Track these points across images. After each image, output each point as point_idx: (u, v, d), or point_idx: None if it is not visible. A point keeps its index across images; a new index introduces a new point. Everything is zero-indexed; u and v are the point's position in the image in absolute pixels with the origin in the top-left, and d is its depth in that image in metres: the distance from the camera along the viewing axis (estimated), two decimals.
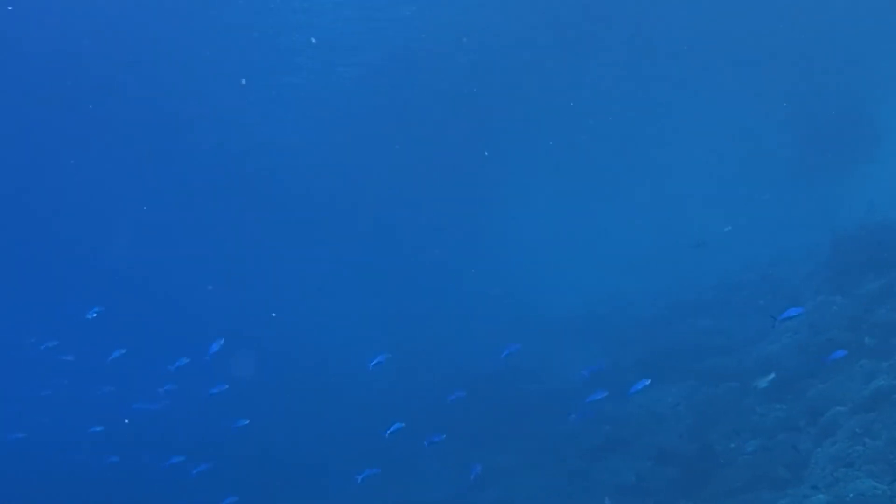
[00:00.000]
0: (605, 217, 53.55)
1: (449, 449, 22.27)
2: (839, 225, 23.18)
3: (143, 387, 27.34)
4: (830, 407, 15.76)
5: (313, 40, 29.78)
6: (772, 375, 18.52)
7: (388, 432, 18.58)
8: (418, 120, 37.81)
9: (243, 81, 30.68)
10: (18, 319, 38.75)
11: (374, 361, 19.11)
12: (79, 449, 26.92)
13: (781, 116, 39.68)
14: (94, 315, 24.94)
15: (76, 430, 25.46)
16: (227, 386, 21.17)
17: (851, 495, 12.46)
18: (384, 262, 50.29)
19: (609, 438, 20.59)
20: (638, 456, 19.37)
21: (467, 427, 23.78)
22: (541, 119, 39.76)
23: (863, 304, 18.98)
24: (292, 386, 31.80)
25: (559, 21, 30.99)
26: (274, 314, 37.32)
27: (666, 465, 18.36)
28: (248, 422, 20.96)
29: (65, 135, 32.86)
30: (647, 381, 17.20)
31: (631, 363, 24.57)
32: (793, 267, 28.15)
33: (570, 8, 30.30)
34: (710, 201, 48.76)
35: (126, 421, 26.99)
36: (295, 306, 46.91)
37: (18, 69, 28.19)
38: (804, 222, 35.56)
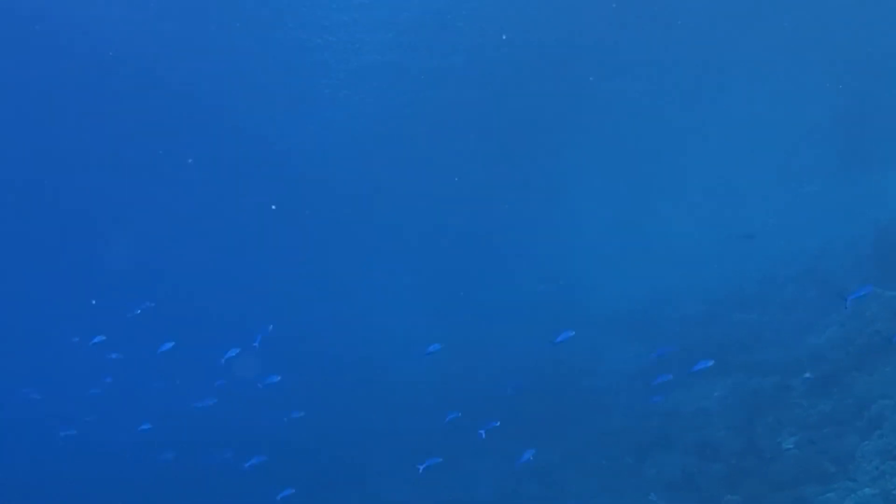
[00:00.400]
0: (651, 211, 53.28)
1: (495, 446, 22.62)
2: (883, 217, 23.04)
3: (193, 382, 27.48)
4: (877, 400, 15.77)
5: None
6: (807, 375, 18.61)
7: (447, 420, 19.27)
8: (468, 117, 38.08)
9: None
10: (66, 318, 39.83)
11: (429, 350, 19.44)
12: (130, 446, 27.51)
13: (826, 107, 39.28)
14: (140, 312, 25.50)
15: (126, 428, 25.54)
16: (279, 378, 20.94)
17: None
18: (437, 257, 50.72)
19: (655, 434, 20.64)
20: (684, 451, 19.43)
21: (513, 424, 24.04)
22: (588, 114, 39.85)
23: None
24: (345, 379, 32.36)
25: (608, 11, 31.01)
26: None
27: (712, 460, 18.45)
28: (303, 413, 21.29)
29: (107, 134, 33.62)
30: (711, 362, 17.33)
31: (676, 359, 24.69)
32: (837, 259, 27.98)
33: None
34: (755, 194, 48.36)
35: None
36: (349, 301, 47.70)
37: (63, 69, 29.06)
38: (848, 214, 35.17)
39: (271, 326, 20.50)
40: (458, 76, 33.72)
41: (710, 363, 17.41)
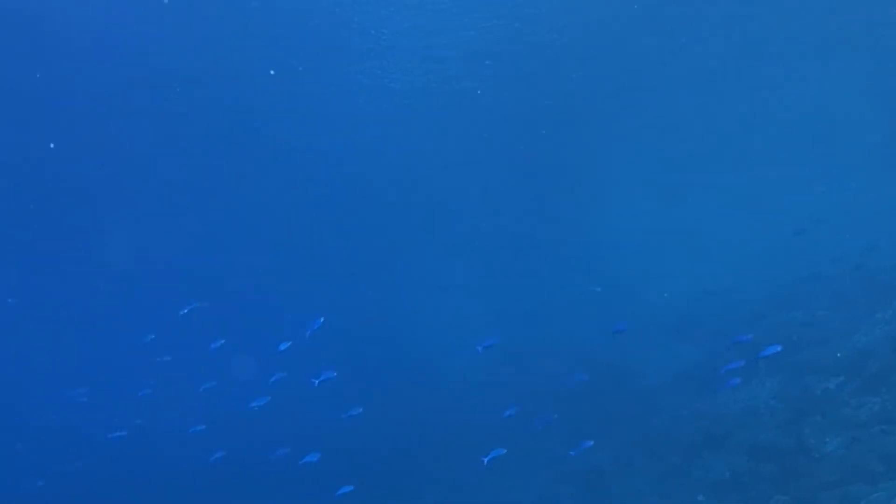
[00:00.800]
0: (699, 211, 53.15)
1: (541, 448, 22.98)
2: None
3: (245, 381, 27.36)
4: None
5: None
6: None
7: (506, 415, 19.26)
8: (520, 119, 38.44)
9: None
10: (116, 321, 40.82)
11: (485, 344, 19.51)
12: (182, 445, 27.85)
13: (874, 102, 38.92)
14: (187, 311, 25.73)
15: (177, 429, 25.90)
16: (335, 373, 20.25)
17: None
18: (490, 257, 51.08)
19: (704, 434, 20.71)
20: (732, 451, 19.49)
21: (560, 426, 24.33)
22: (636, 114, 39.97)
23: None
24: (399, 377, 32.79)
25: (656, 14, 31.12)
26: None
27: (760, 460, 18.52)
28: (361, 409, 20.88)
29: (151, 134, 34.27)
30: (779, 347, 17.41)
31: (725, 358, 24.77)
32: (884, 257, 27.78)
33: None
34: (802, 191, 48.00)
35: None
36: (410, 300, 48.28)
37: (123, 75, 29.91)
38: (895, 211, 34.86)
39: (322, 319, 20.19)
40: (510, 74, 34.00)
41: (779, 348, 17.45)
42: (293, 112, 34.53)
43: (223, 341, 23.30)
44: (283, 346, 20.93)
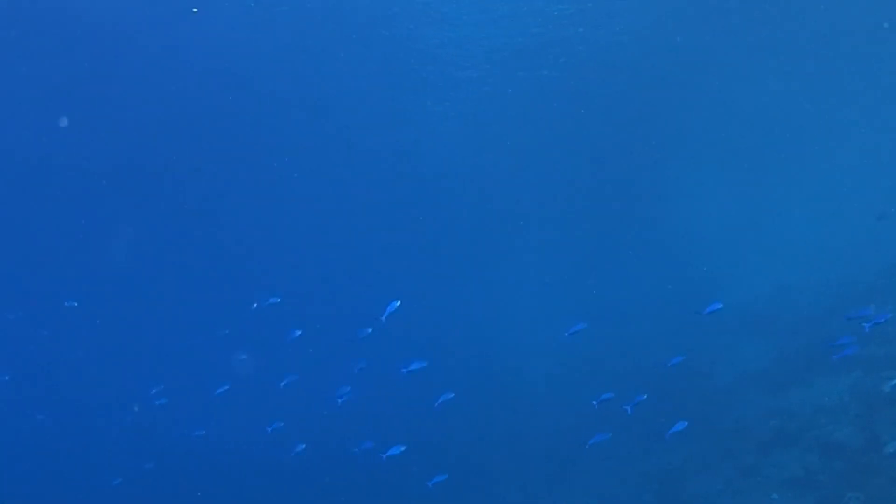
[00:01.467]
0: (772, 207, 52.48)
1: (614, 451, 23.27)
2: None
3: (327, 376, 27.23)
4: None
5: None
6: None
7: (601, 399, 18.58)
8: (592, 117, 38.81)
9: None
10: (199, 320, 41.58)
11: (573, 330, 19.36)
12: (262, 442, 27.67)
13: None
14: (256, 306, 25.41)
15: (258, 425, 25.30)
16: (426, 363, 19.74)
17: None
18: (568, 255, 51.34)
19: (776, 432, 20.80)
20: (805, 449, 19.54)
21: (634, 425, 24.55)
22: (712, 107, 39.89)
23: None
24: (477, 374, 33.28)
25: (728, 10, 31.14)
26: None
27: (833, 457, 18.57)
28: (452, 395, 20.48)
29: (234, 137, 35.21)
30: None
31: (796, 355, 24.74)
32: None
33: None
34: (873, 186, 47.05)
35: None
36: (484, 299, 48.83)
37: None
38: None
39: (398, 301, 19.45)
40: (583, 70, 34.25)
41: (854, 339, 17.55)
42: (377, 113, 35.69)
43: (300, 332, 22.94)
44: (365, 332, 20.66)
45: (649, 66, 34.53)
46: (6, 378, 35.18)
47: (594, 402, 18.52)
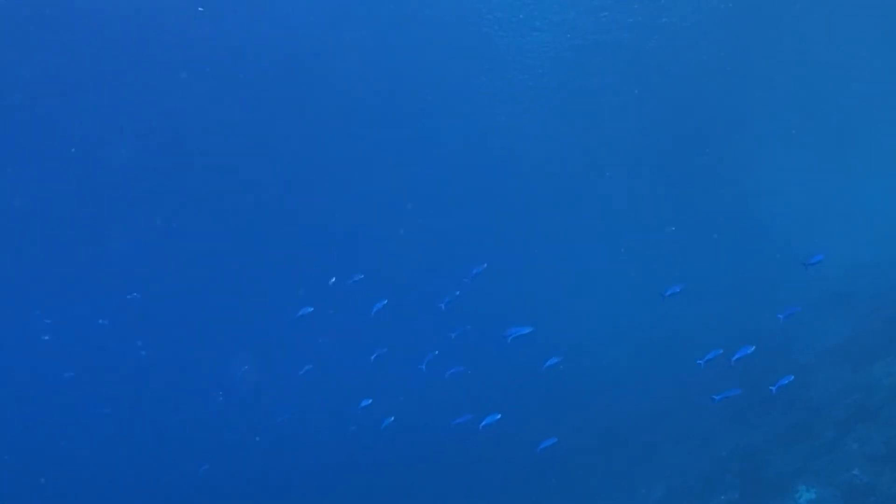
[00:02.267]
0: (852, 184, 51.50)
1: (694, 430, 23.65)
2: None
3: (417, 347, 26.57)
4: None
5: None
6: None
7: (705, 359, 18.29)
8: (671, 98, 38.90)
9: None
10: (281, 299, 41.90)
11: (671, 292, 19.22)
12: (351, 421, 28.68)
13: None
14: (332, 282, 25.67)
15: (346, 404, 25.66)
16: (531, 328, 19.34)
17: None
18: (644, 235, 51.33)
19: (857, 408, 20.77)
20: (886, 424, 19.52)
21: (715, 407, 24.79)
22: (788, 87, 39.53)
23: None
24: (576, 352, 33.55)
25: None
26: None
27: None
28: (559, 359, 20.35)
29: (339, 133, 36.94)
30: None
31: (876, 330, 24.61)
32: None
33: None
34: None
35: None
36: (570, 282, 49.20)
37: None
38: None
39: (485, 264, 19.73)
40: (668, 54, 34.79)
41: None
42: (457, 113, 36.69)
43: (385, 301, 22.86)
44: (452, 296, 20.32)
45: (727, 42, 34.40)
46: (70, 375, 36.57)
47: (700, 362, 18.51)
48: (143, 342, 40.48)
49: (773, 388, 18.64)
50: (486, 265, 19.20)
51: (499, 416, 19.33)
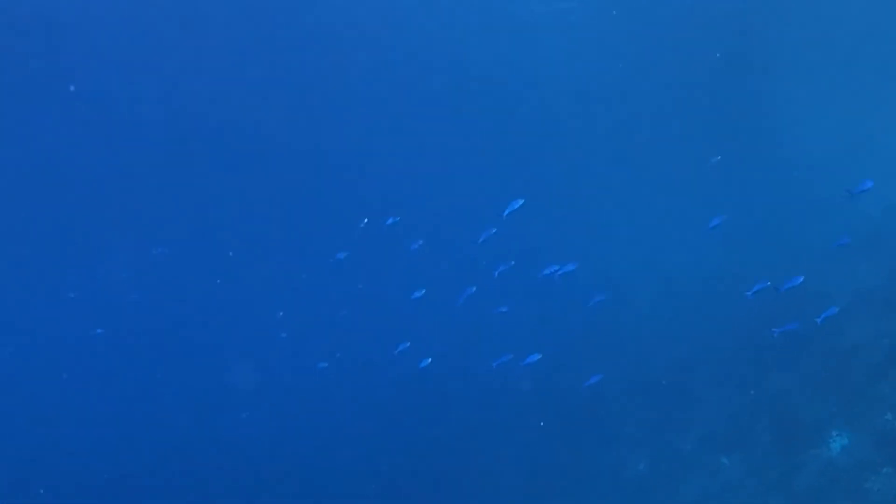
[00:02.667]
0: (886, 125, 50.41)
1: (726, 378, 23.83)
2: None
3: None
4: None
5: None
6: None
7: (752, 291, 18.02)
8: (705, 39, 38.59)
9: None
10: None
11: (714, 224, 19.33)
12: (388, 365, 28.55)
13: None
14: (364, 224, 25.59)
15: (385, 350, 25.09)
16: (575, 265, 19.45)
17: None
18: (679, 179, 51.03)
19: (888, 354, 20.66)
20: None
21: (744, 351, 24.98)
22: (820, 28, 38.83)
23: None
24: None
25: None
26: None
27: None
28: (604, 296, 20.76)
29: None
30: None
31: None
32: None
33: None
34: None
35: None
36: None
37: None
38: None
39: (521, 200, 18.79)
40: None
41: None
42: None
43: (421, 242, 23.12)
44: (487, 234, 19.76)
45: None
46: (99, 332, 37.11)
47: (748, 294, 18.32)
48: (174, 293, 41.08)
49: (819, 319, 18.65)
50: (522, 201, 18.67)
51: (539, 356, 19.47)
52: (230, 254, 40.58)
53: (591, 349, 30.12)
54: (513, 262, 21.47)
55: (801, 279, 17.93)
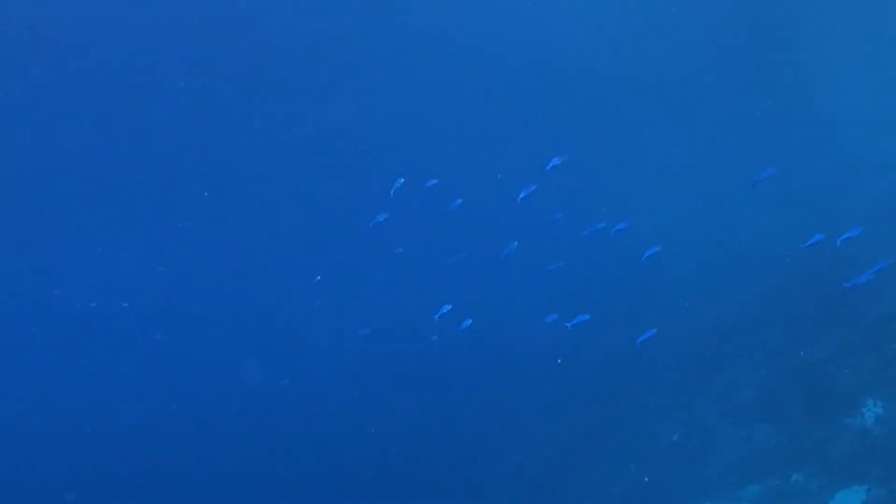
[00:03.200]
0: None
1: (761, 345, 23.89)
2: None
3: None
4: None
5: None
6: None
7: (809, 243, 17.72)
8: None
9: None
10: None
11: (759, 177, 18.77)
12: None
13: None
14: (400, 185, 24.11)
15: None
16: (657, 248, 19.69)
17: None
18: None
19: None
20: None
21: (777, 320, 25.01)
22: None
23: None
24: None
25: None
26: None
27: None
28: (658, 248, 20.18)
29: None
30: None
31: None
32: None
33: None
34: None
35: None
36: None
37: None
38: None
39: (565, 156, 18.91)
40: None
41: None
42: None
43: (460, 201, 22.78)
44: (527, 192, 19.39)
45: None
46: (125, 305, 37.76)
47: (804, 245, 18.01)
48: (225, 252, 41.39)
49: (847, 286, 18.26)
50: (566, 157, 18.80)
51: (588, 316, 19.20)
52: (268, 218, 40.75)
53: (627, 314, 30.04)
54: (560, 216, 21.69)
55: (860, 230, 17.72)
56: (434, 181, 23.20)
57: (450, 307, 21.90)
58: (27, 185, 36.06)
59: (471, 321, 22.06)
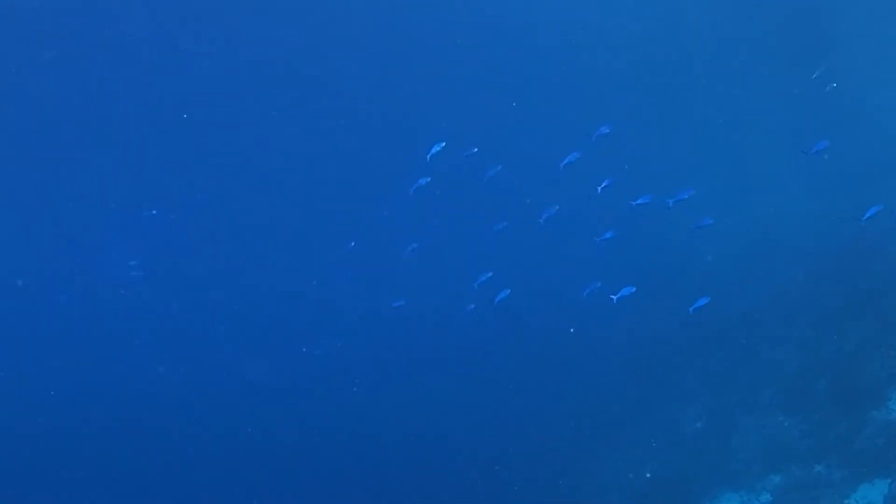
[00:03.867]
0: None
1: (787, 336, 23.56)
2: None
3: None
4: None
5: None
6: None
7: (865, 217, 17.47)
8: None
9: None
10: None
11: (816, 149, 18.31)
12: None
13: None
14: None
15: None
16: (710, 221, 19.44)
17: None
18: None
19: None
20: None
21: (807, 311, 24.60)
22: None
23: None
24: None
25: None
26: None
27: None
28: (711, 221, 19.89)
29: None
30: None
31: None
32: None
33: None
34: None
35: None
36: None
37: None
38: None
39: (610, 127, 18.74)
40: None
41: None
42: None
43: (500, 167, 22.10)
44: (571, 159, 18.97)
45: None
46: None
47: (862, 219, 17.50)
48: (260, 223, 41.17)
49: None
50: (610, 128, 18.57)
51: (633, 288, 18.48)
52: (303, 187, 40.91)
53: (661, 295, 29.59)
54: (608, 182, 20.62)
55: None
56: (475, 149, 22.20)
57: (490, 274, 21.54)
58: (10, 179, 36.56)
59: (509, 291, 21.24)
